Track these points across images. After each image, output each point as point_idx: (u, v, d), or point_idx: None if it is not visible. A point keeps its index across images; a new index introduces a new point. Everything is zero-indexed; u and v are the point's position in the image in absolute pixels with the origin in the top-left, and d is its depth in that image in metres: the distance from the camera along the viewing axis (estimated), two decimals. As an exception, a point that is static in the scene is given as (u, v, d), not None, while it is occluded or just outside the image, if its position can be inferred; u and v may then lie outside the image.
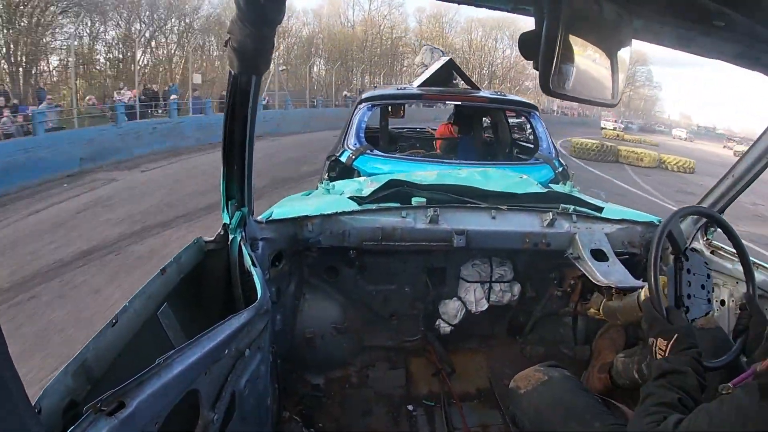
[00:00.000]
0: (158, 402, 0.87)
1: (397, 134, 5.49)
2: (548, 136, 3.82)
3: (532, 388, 1.53)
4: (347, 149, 3.50)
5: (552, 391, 1.50)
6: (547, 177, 3.43)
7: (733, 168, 1.79)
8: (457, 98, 4.00)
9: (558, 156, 3.72)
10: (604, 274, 1.85)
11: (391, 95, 4.13)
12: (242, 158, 1.54)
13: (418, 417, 2.06)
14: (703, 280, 1.47)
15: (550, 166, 3.56)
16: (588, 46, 0.82)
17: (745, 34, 0.85)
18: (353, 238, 1.98)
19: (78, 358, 0.99)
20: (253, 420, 1.36)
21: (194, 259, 1.56)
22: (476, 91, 4.25)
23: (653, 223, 2.13)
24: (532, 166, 3.57)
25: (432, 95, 4.11)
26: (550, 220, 2.04)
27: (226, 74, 1.44)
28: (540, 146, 3.76)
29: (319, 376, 2.20)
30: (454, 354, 2.33)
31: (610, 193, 6.41)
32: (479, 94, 4.09)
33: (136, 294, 1.24)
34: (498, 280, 2.25)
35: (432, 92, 4.07)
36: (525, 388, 1.55)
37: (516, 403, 1.58)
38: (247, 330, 1.24)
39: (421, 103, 9.97)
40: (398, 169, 3.23)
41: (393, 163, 3.44)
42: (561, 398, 1.47)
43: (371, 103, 3.78)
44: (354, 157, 3.44)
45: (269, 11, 1.15)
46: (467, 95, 4.07)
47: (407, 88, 4.29)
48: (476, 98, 4.05)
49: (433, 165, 3.50)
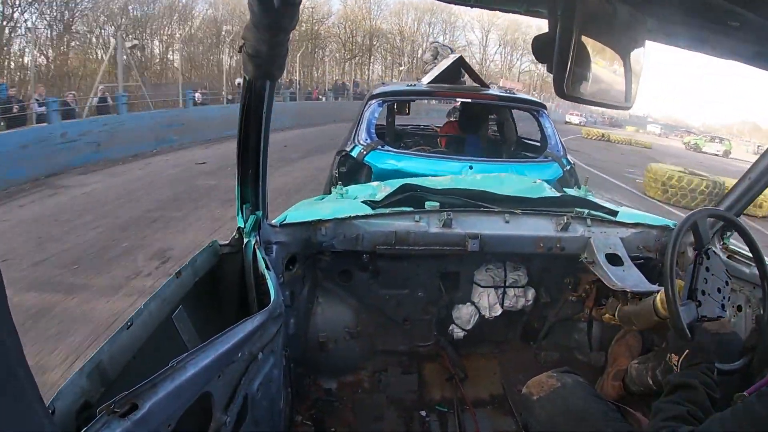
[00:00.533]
0: (171, 404, 0.88)
1: (402, 131, 5.49)
2: (556, 134, 3.80)
3: (545, 395, 1.51)
4: (358, 145, 3.49)
5: (565, 398, 1.48)
6: (556, 175, 3.41)
7: (750, 170, 1.76)
8: (467, 95, 3.98)
9: (566, 154, 3.70)
10: (619, 278, 1.83)
11: (403, 91, 4.10)
12: (257, 162, 1.56)
13: (430, 422, 2.05)
14: (720, 284, 1.44)
15: (558, 164, 3.53)
16: (602, 48, 0.82)
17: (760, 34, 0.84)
18: (367, 242, 1.98)
19: (93, 360, 1.00)
20: (265, 423, 1.36)
21: (209, 263, 1.57)
22: (485, 88, 4.24)
23: (669, 227, 2.10)
24: (541, 164, 3.56)
25: (442, 92, 4.10)
26: (564, 224, 2.02)
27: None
28: (548, 144, 3.73)
29: (332, 381, 2.20)
30: (467, 359, 2.32)
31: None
32: (488, 92, 4.07)
33: (151, 297, 1.25)
34: (512, 285, 2.23)
35: (442, 89, 4.06)
36: (538, 394, 1.53)
37: (529, 410, 1.56)
38: (260, 333, 1.24)
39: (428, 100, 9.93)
40: (410, 165, 3.26)
41: (404, 159, 3.44)
42: (574, 405, 1.45)
43: (382, 99, 3.78)
44: (365, 152, 3.43)
45: (283, 17, 1.16)
46: (477, 93, 4.05)
47: (417, 85, 4.28)
48: (486, 96, 4.03)
49: (444, 161, 3.49)
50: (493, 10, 0.97)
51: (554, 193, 2.48)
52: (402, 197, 2.24)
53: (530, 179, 2.65)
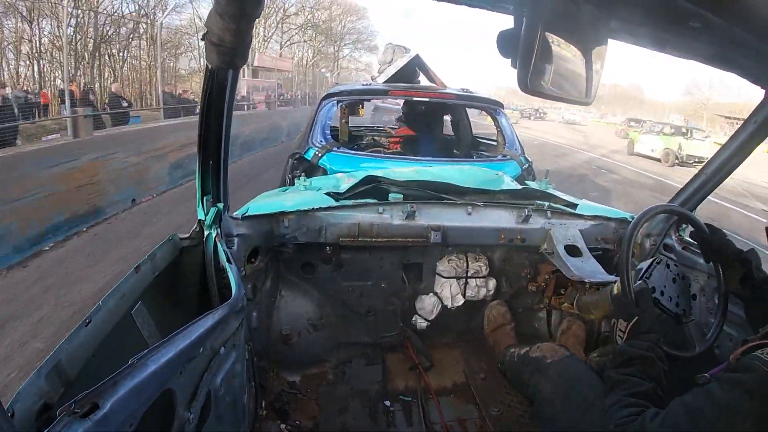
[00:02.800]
0: (133, 402, 0.85)
1: (356, 132, 5.40)
2: (514, 132, 3.86)
3: (559, 360, 1.67)
4: (312, 146, 3.44)
5: (575, 365, 1.65)
6: (514, 173, 3.44)
7: (705, 167, 1.85)
8: (424, 94, 3.98)
9: (524, 152, 3.75)
10: (577, 269, 1.89)
11: (358, 91, 4.05)
12: (218, 153, 1.52)
13: (395, 412, 2.07)
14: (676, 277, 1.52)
15: (516, 162, 3.59)
16: (565, 44, 0.84)
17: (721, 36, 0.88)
18: (330, 234, 1.98)
19: (51, 360, 0.96)
20: (229, 419, 1.35)
21: (169, 256, 1.53)
22: (442, 87, 4.26)
23: (626, 219, 2.18)
24: (499, 163, 3.59)
25: (399, 91, 4.08)
26: (525, 217, 2.07)
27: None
28: (506, 142, 3.78)
29: (296, 374, 2.19)
30: (430, 349, 2.35)
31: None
32: (446, 91, 4.09)
33: (110, 293, 1.21)
34: (474, 275, 2.27)
35: (399, 88, 4.05)
36: (552, 358, 1.69)
37: (542, 371, 1.69)
38: (221, 328, 1.22)
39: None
40: (366, 167, 3.20)
41: (360, 161, 3.41)
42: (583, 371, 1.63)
43: (336, 99, 3.74)
44: (320, 154, 3.38)
45: (247, 5, 1.13)
46: (434, 92, 4.07)
47: (372, 85, 4.25)
48: (443, 95, 4.05)
49: (401, 162, 3.48)
50: (460, 4, 0.98)
51: (516, 185, 2.53)
52: (365, 189, 2.24)
53: (493, 172, 2.70)
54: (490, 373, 2.23)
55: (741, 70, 1.09)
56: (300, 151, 3.48)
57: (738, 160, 1.73)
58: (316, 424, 1.98)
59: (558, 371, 1.64)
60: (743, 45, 0.91)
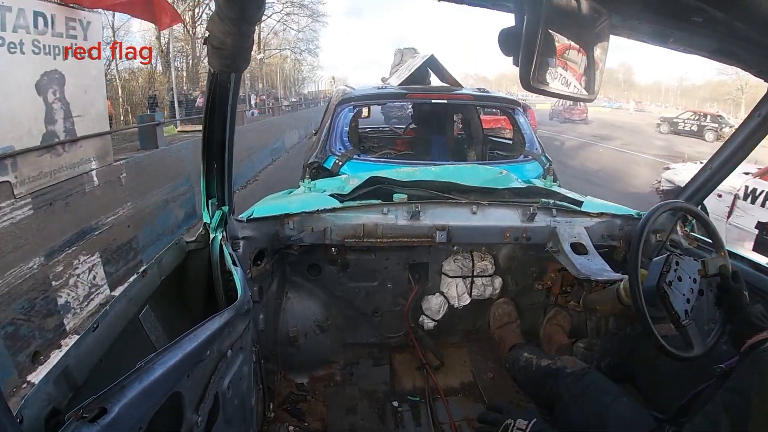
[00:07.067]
0: (141, 406, 0.86)
1: (363, 134, 5.29)
2: (533, 132, 3.79)
3: (578, 371, 1.66)
4: (332, 155, 3.33)
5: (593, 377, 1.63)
6: (537, 173, 3.37)
7: (711, 161, 1.84)
8: (442, 96, 3.91)
9: (544, 152, 3.68)
10: (583, 267, 1.88)
11: (375, 95, 3.99)
12: (222, 156, 1.52)
13: (403, 413, 2.07)
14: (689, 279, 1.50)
15: (538, 162, 3.52)
16: (566, 41, 0.83)
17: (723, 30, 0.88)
18: (335, 235, 1.98)
19: (59, 365, 0.96)
20: (237, 421, 1.35)
21: (175, 260, 1.53)
22: (458, 88, 4.21)
23: (632, 216, 2.16)
24: (522, 164, 3.52)
25: (416, 94, 3.98)
26: (530, 215, 2.06)
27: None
28: (526, 142, 3.70)
29: (304, 375, 2.19)
30: (437, 348, 2.35)
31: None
32: (462, 92, 4.02)
33: (117, 297, 1.22)
34: (480, 274, 2.27)
35: (416, 91, 3.96)
36: (573, 368, 1.68)
37: (560, 380, 1.68)
38: (228, 330, 1.23)
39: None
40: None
41: (384, 169, 3.25)
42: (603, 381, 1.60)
43: (353, 104, 3.64)
44: (341, 163, 3.28)
45: (249, 8, 1.13)
46: (452, 93, 4.00)
47: (388, 88, 4.18)
48: (460, 96, 3.98)
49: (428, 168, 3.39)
50: (461, 3, 0.98)
51: (520, 184, 2.52)
52: (370, 190, 2.24)
53: (497, 170, 2.69)
54: (498, 372, 2.22)
55: (744, 64, 1.09)
56: (318, 160, 3.37)
57: (743, 154, 1.72)
58: (324, 425, 1.98)
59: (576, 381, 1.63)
60: (745, 38, 0.91)
